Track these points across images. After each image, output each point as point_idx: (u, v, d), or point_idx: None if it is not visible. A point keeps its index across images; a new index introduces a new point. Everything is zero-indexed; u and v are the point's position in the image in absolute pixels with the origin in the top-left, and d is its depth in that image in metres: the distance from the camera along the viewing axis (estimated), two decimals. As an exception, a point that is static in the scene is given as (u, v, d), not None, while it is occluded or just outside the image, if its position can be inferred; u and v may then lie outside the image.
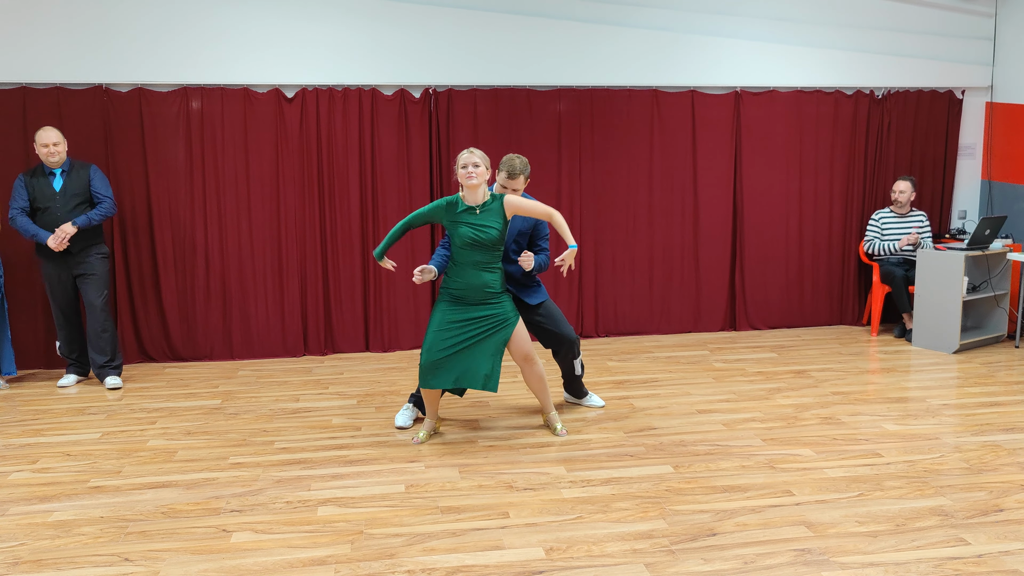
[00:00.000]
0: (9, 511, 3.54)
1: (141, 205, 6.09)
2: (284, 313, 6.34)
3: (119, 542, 3.24)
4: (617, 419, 4.69)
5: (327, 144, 6.26)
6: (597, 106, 6.62)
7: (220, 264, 6.22)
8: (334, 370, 5.95)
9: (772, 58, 6.82)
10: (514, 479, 3.82)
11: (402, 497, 3.64)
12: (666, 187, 6.81)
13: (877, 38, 6.94)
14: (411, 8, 6.27)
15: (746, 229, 6.96)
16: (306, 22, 6.15)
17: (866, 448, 4.17)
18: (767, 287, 7.06)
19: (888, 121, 7.04)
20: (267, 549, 3.16)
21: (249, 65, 6.10)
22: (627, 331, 6.91)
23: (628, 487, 3.70)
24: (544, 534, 3.25)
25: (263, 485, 3.79)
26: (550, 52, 6.49)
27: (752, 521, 3.34)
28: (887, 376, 5.57)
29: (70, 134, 5.86)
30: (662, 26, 6.64)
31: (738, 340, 6.71)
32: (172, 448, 4.32)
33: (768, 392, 5.20)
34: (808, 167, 7.00)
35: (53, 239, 5.28)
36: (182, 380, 5.73)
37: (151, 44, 5.97)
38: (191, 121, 6.08)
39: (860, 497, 3.57)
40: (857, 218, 7.11)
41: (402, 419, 4.61)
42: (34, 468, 4.05)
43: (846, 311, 7.22)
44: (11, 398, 5.33)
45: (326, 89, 6.21)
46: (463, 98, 6.41)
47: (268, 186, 6.22)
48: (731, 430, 4.47)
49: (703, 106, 6.77)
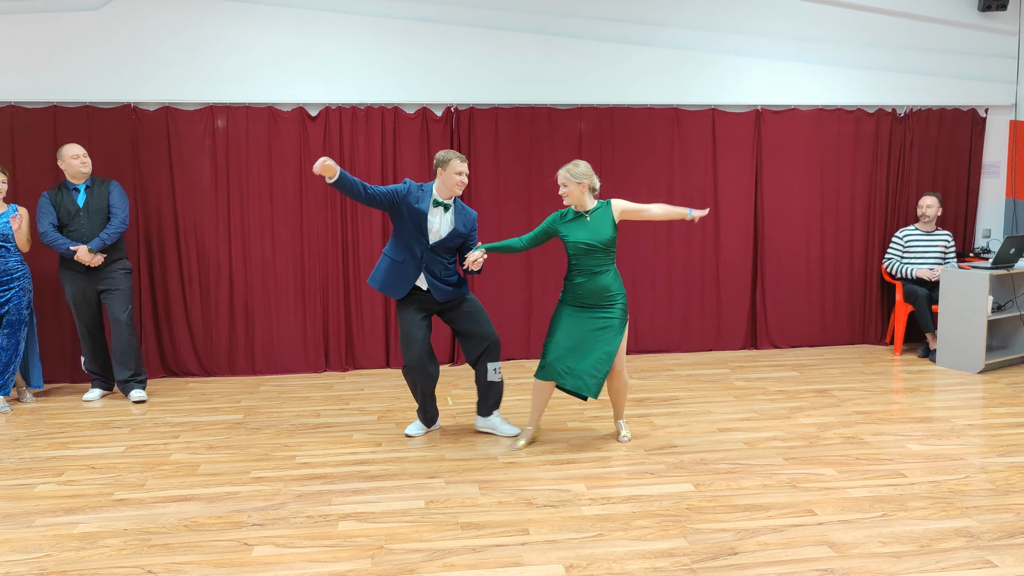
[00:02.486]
0: (35, 523, 3.58)
1: (167, 221, 6.18)
2: (306, 329, 6.39)
3: (142, 554, 3.27)
4: (638, 437, 4.68)
5: (350, 162, 6.33)
6: (618, 124, 6.65)
7: (243, 280, 6.29)
8: (355, 386, 5.98)
9: (793, 77, 6.82)
10: (534, 496, 3.81)
11: (422, 513, 3.64)
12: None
13: (899, 56, 6.93)
14: (433, 27, 6.35)
15: (767, 247, 6.94)
16: (330, 41, 6.24)
17: (890, 468, 4.13)
18: (788, 306, 7.03)
19: (910, 139, 7.01)
20: (288, 563, 3.18)
21: (274, 84, 6.19)
22: (647, 349, 6.90)
23: (649, 505, 3.69)
24: (564, 551, 3.24)
25: (284, 499, 3.81)
26: (571, 71, 6.53)
27: (774, 540, 3.32)
28: (911, 396, 5.51)
29: (99, 152, 5.97)
30: (683, 45, 6.67)
31: (759, 359, 6.68)
32: (195, 462, 4.36)
33: (790, 411, 5.17)
34: (829, 185, 6.98)
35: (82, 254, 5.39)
36: (205, 395, 5.78)
37: (178, 63, 6.08)
38: (216, 139, 6.17)
39: (884, 517, 3.53)
40: (879, 237, 7.07)
41: (414, 429, 4.79)
42: (60, 480, 4.10)
43: (868, 330, 7.17)
44: (38, 411, 5.40)
45: (349, 107, 6.29)
46: (484, 116, 6.47)
47: (291, 203, 6.30)
48: (752, 449, 4.44)
49: (724, 124, 6.78)
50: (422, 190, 4.53)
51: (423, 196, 4.51)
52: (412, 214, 4.48)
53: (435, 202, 4.52)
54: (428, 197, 4.52)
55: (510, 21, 6.44)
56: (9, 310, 5.37)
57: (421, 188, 4.54)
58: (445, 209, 4.55)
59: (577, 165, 4.41)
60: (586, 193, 4.40)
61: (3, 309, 5.36)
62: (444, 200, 4.53)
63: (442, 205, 4.54)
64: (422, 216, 4.48)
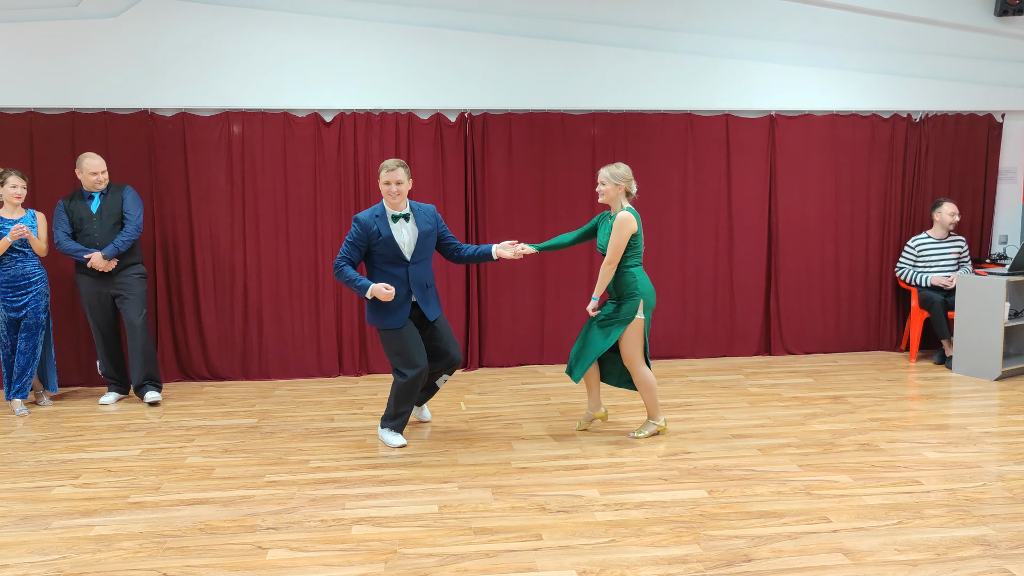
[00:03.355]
0: (52, 525, 3.61)
1: (183, 226, 6.22)
2: (320, 334, 6.41)
3: (158, 557, 3.29)
4: (651, 442, 4.66)
5: (364, 167, 6.36)
6: (631, 130, 6.65)
7: (258, 285, 6.32)
8: (368, 390, 6.00)
9: (807, 82, 6.80)
10: (547, 501, 3.81)
11: (435, 517, 3.65)
12: (700, 211, 6.80)
13: (914, 61, 6.90)
14: (447, 34, 6.38)
15: (781, 253, 6.92)
16: (345, 48, 6.27)
17: (905, 475, 4.10)
18: (803, 312, 7.00)
19: (926, 145, 6.97)
20: (302, 567, 3.19)
21: (289, 90, 6.23)
22: (660, 355, 6.88)
23: (662, 511, 3.68)
24: (577, 557, 3.24)
25: (298, 503, 3.83)
26: (584, 77, 6.54)
27: (788, 548, 3.30)
28: (927, 403, 5.48)
29: (116, 157, 6.03)
30: (696, 50, 6.66)
31: (773, 365, 6.65)
32: (210, 465, 4.38)
33: (804, 417, 5.15)
34: (844, 191, 6.95)
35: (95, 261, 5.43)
36: (220, 399, 5.81)
37: (195, 70, 6.13)
38: (232, 145, 6.22)
39: (899, 525, 3.51)
40: (894, 242, 7.03)
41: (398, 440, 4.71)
42: (76, 483, 4.13)
43: (883, 337, 7.12)
44: (54, 415, 5.44)
45: (363, 113, 6.32)
46: (498, 122, 6.48)
47: (306, 209, 6.33)
48: (766, 455, 4.42)
49: (737, 130, 6.77)
50: (376, 216, 4.50)
51: (379, 221, 4.49)
52: (382, 244, 4.48)
53: (394, 217, 4.52)
54: (385, 217, 4.50)
55: (524, 27, 6.46)
56: (27, 314, 5.42)
57: (374, 215, 4.50)
58: (407, 219, 4.56)
59: (619, 167, 4.57)
60: (621, 195, 4.56)
61: (21, 313, 5.42)
62: (401, 212, 4.54)
63: (402, 216, 4.54)
64: (390, 239, 4.48)
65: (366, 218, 4.50)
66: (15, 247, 5.38)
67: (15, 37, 5.93)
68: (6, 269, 5.38)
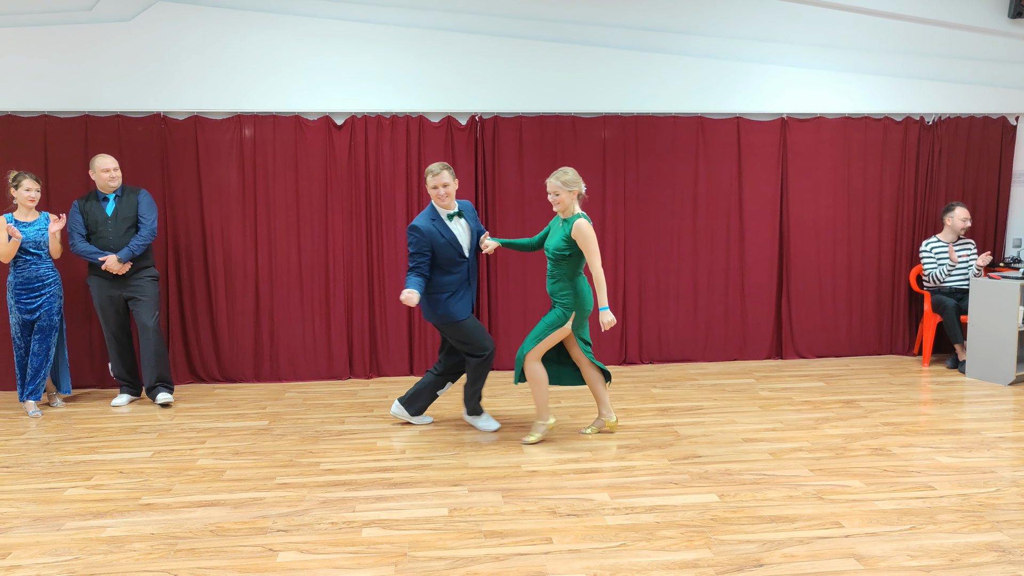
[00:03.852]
0: (65, 526, 3.63)
1: (195, 229, 6.25)
2: (331, 337, 6.43)
3: (168, 558, 3.30)
4: (661, 446, 4.65)
5: (375, 170, 6.37)
6: (642, 133, 6.64)
7: (269, 288, 6.34)
8: (379, 393, 6.00)
9: (819, 85, 6.78)
10: (557, 505, 3.80)
11: (445, 520, 3.65)
12: (711, 214, 6.78)
13: (927, 64, 6.86)
14: (458, 36, 6.39)
15: (792, 256, 6.89)
16: (356, 51, 6.29)
17: (918, 480, 4.07)
18: (814, 315, 6.97)
19: (939, 148, 6.93)
20: (312, 569, 3.20)
21: (301, 93, 6.26)
22: (671, 358, 6.86)
23: (673, 515, 3.67)
24: (588, 560, 3.23)
25: (309, 506, 3.83)
26: (595, 80, 6.54)
27: (800, 552, 3.28)
28: (940, 407, 5.44)
29: (129, 160, 6.06)
30: (707, 53, 6.65)
31: (784, 369, 6.62)
32: (221, 467, 4.39)
33: (816, 422, 5.12)
34: (856, 194, 6.92)
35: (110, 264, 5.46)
36: (231, 401, 5.83)
37: (207, 73, 6.16)
38: (244, 148, 6.24)
39: (912, 530, 3.48)
40: (907, 246, 6.99)
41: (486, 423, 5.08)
42: (88, 485, 4.15)
43: (896, 340, 7.08)
44: (67, 416, 5.47)
45: (375, 116, 6.33)
46: (509, 125, 6.49)
47: (317, 211, 6.35)
48: (778, 460, 4.40)
49: (749, 133, 6.75)
50: (433, 220, 4.66)
51: (438, 224, 4.66)
52: (445, 245, 4.66)
53: (449, 216, 4.71)
54: (441, 220, 4.68)
55: (534, 30, 6.47)
56: (40, 316, 5.46)
57: (431, 219, 4.67)
58: (460, 216, 4.77)
59: (566, 172, 4.54)
60: (574, 200, 4.57)
61: (35, 315, 5.45)
62: (454, 211, 4.74)
63: (455, 215, 4.74)
64: (454, 240, 4.68)
65: (425, 224, 4.64)
66: (30, 249, 5.42)
67: (29, 41, 5.98)
68: (21, 271, 5.42)
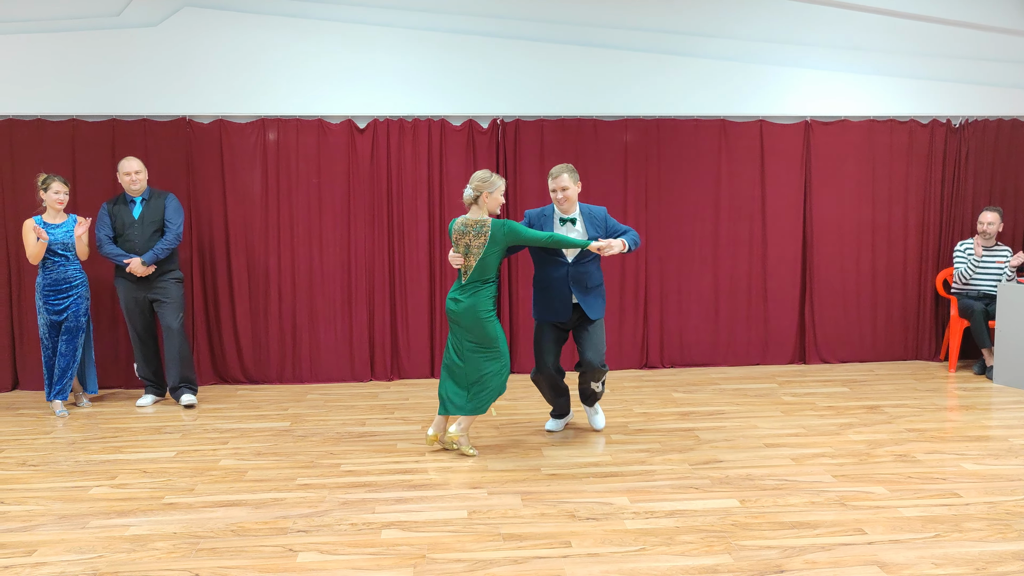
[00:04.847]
0: (89, 524, 3.67)
1: (219, 231, 6.31)
2: (352, 339, 6.46)
3: (190, 558, 3.33)
4: (682, 451, 4.63)
5: (396, 174, 6.40)
6: (664, 136, 6.62)
7: (291, 290, 6.39)
8: (399, 395, 6.02)
9: (843, 87, 6.72)
10: (577, 508, 3.79)
11: (464, 523, 3.65)
12: (733, 217, 6.74)
13: (953, 66, 6.78)
14: (480, 40, 6.40)
15: (816, 260, 6.83)
16: (378, 55, 6.33)
17: (944, 487, 4.02)
18: (838, 320, 6.90)
19: (966, 151, 6.85)
20: (332, 570, 3.21)
21: (323, 97, 6.30)
22: (693, 362, 6.83)
23: (693, 520, 3.64)
24: (607, 565, 3.22)
25: (329, 507, 3.85)
26: (617, 83, 6.53)
27: (822, 559, 3.25)
28: (966, 414, 5.36)
29: (155, 164, 6.13)
30: (730, 56, 6.62)
31: (807, 373, 6.56)
32: (243, 468, 4.43)
33: (839, 427, 5.07)
34: (881, 198, 6.85)
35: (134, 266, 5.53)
36: (253, 402, 5.88)
37: (232, 78, 6.22)
38: (267, 151, 6.30)
39: (937, 538, 3.44)
40: (933, 250, 6.91)
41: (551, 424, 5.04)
42: (113, 483, 4.20)
43: (922, 346, 7.00)
44: (93, 416, 5.55)
45: (396, 120, 6.37)
46: (530, 128, 6.49)
47: (339, 215, 6.39)
48: (800, 465, 4.36)
49: (772, 136, 6.71)
50: (544, 215, 4.62)
51: (546, 220, 4.62)
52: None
53: (561, 220, 4.64)
54: (552, 219, 4.62)
55: (556, 33, 6.47)
56: (68, 317, 5.53)
57: (543, 214, 4.63)
58: (573, 223, 4.63)
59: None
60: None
61: (62, 316, 5.53)
62: (569, 216, 4.62)
63: (569, 220, 4.62)
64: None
65: (535, 215, 4.63)
66: (57, 251, 5.50)
67: (59, 46, 6.07)
68: (49, 273, 5.50)
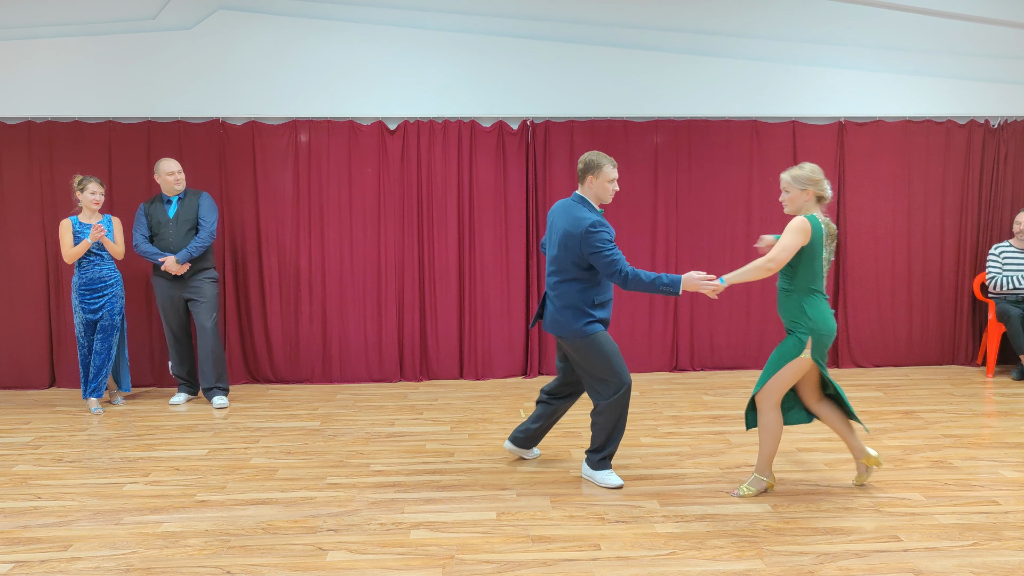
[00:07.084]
0: (123, 520, 3.72)
1: (251, 232, 6.38)
2: (382, 339, 6.49)
3: (222, 555, 3.36)
4: (713, 455, 4.58)
5: (427, 175, 6.42)
6: (695, 137, 6.57)
7: (322, 290, 6.43)
8: (429, 396, 6.04)
9: (878, 88, 6.62)
10: (606, 511, 3.77)
11: (493, 524, 3.64)
12: (765, 220, 6.67)
13: (991, 65, 6.65)
14: (510, 42, 6.40)
15: (849, 263, 6.74)
16: (409, 57, 6.35)
17: (981, 495, 3.94)
18: (872, 323, 6.80)
19: (1005, 152, 6.71)
20: (361, 569, 3.22)
21: (354, 99, 6.34)
22: (723, 365, 6.76)
23: (723, 524, 3.60)
24: (636, 568, 3.19)
25: (358, 506, 3.87)
26: (647, 83, 6.49)
27: (856, 566, 3.20)
28: (1004, 420, 5.25)
29: (188, 164, 6.21)
30: (762, 56, 6.55)
31: (841, 378, 6.47)
32: (273, 467, 4.46)
33: (874, 433, 4.99)
34: (917, 200, 6.74)
35: (169, 264, 5.61)
36: (284, 401, 5.92)
37: (265, 80, 6.28)
38: (299, 152, 6.35)
39: (975, 546, 3.37)
40: (971, 253, 6.78)
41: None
42: (146, 481, 4.25)
43: (959, 351, 6.87)
44: (127, 414, 5.62)
45: (427, 121, 6.39)
46: (560, 130, 6.47)
47: (369, 216, 6.42)
48: (833, 470, 4.30)
49: (805, 137, 6.63)
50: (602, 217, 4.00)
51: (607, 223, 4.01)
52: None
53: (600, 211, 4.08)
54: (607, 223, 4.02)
55: (586, 34, 6.45)
56: (103, 316, 5.62)
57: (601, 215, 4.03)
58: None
59: (802, 168, 3.84)
60: (811, 201, 3.83)
61: (97, 315, 5.62)
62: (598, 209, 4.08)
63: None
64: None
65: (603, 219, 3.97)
66: (93, 251, 5.58)
67: (95, 49, 6.17)
68: (84, 272, 5.59)
